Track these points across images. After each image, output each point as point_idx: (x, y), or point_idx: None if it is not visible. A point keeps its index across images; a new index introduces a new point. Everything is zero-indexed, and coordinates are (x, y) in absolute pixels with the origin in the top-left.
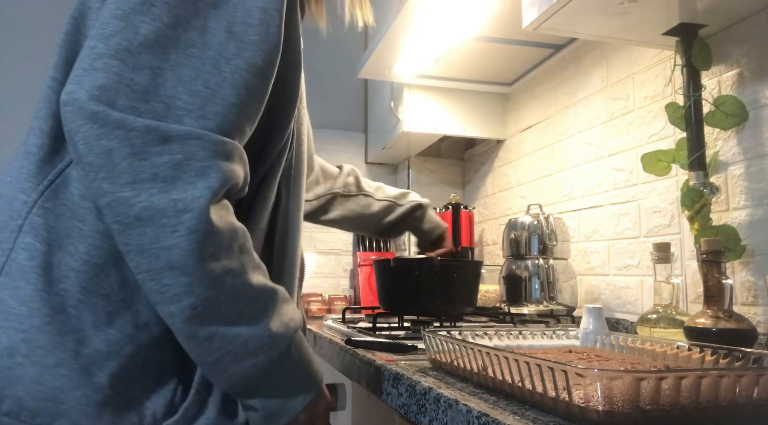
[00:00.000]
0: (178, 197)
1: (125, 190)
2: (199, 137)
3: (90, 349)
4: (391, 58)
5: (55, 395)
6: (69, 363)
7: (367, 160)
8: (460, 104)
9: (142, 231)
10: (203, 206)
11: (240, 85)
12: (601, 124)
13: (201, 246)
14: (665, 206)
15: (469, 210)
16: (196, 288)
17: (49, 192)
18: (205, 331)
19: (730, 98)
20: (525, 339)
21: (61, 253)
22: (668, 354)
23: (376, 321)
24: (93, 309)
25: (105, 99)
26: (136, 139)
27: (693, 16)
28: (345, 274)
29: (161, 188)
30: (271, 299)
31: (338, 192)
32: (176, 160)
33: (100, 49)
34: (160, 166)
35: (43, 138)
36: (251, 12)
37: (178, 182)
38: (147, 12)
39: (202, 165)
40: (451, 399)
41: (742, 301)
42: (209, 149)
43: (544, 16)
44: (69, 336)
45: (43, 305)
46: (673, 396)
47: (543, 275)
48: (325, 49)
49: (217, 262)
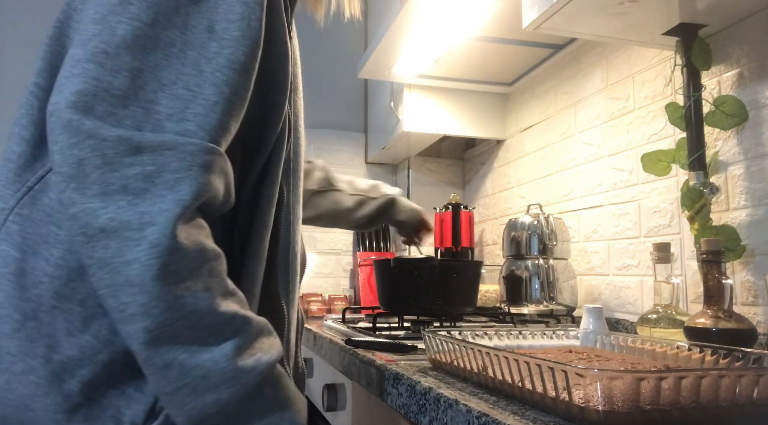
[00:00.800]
0: (145, 210)
1: (94, 201)
2: (174, 147)
3: (61, 356)
4: (391, 58)
5: (24, 402)
6: (38, 370)
7: (367, 160)
8: (460, 104)
9: (106, 244)
10: (169, 220)
11: (222, 83)
12: (601, 124)
13: (161, 262)
14: (665, 206)
15: (469, 210)
16: (152, 308)
17: (27, 198)
18: (161, 358)
19: (730, 98)
20: (525, 339)
21: (35, 259)
22: (668, 354)
23: (376, 321)
24: (67, 315)
25: (82, 105)
26: (108, 149)
27: (693, 16)
28: (345, 274)
29: (130, 200)
30: (241, 329)
31: (313, 189)
32: (147, 172)
33: (79, 55)
34: (131, 178)
35: (24, 145)
36: (232, 7)
37: (147, 195)
38: (124, 12)
39: (174, 177)
40: (451, 399)
41: (742, 301)
42: (184, 160)
43: (544, 16)
44: (39, 342)
45: (13, 311)
46: (673, 396)
47: (543, 275)
48: (325, 49)
49: (179, 283)
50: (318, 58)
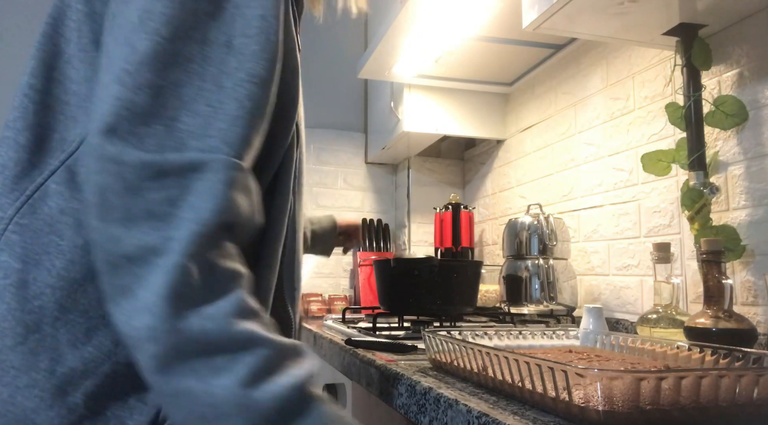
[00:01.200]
0: (171, 234)
1: (117, 228)
2: (197, 167)
3: (65, 368)
4: (391, 58)
5: (28, 416)
6: (42, 383)
7: (367, 160)
8: (460, 104)
9: (130, 270)
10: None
11: (243, 97)
12: (601, 124)
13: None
14: (665, 206)
15: (469, 210)
16: (159, 332)
17: (26, 207)
18: (170, 386)
19: (730, 98)
20: (525, 339)
21: (37, 270)
22: (668, 354)
23: (376, 321)
24: (70, 326)
25: (105, 128)
26: (129, 174)
27: (693, 16)
28: (345, 274)
29: (154, 226)
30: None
31: None
32: (172, 196)
33: (106, 79)
34: (155, 203)
35: (20, 152)
36: (251, 22)
37: (172, 218)
38: (144, 27)
39: (198, 198)
40: (451, 399)
41: (742, 301)
42: (207, 180)
43: (544, 16)
44: (43, 355)
45: (16, 324)
46: (673, 396)
47: (543, 275)
48: (325, 49)
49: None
50: (318, 58)
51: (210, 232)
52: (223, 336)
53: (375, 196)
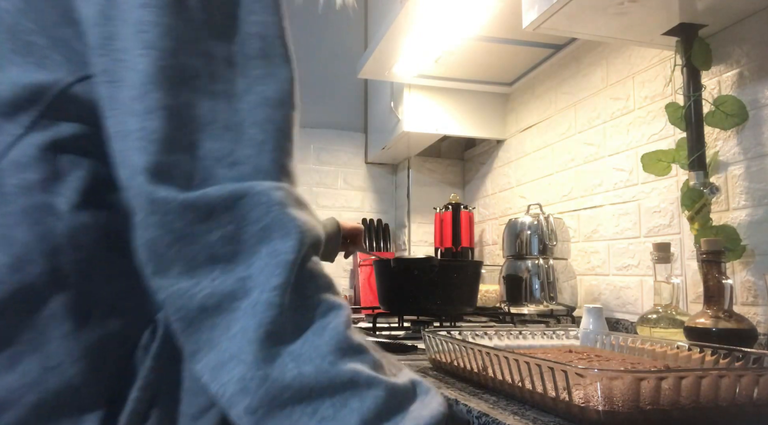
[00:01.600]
0: (245, 274)
1: (182, 281)
2: (243, 195)
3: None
4: (391, 58)
5: None
6: None
7: (367, 160)
8: (460, 104)
9: (212, 323)
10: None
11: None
12: (601, 123)
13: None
14: (665, 206)
15: (469, 210)
16: (249, 381)
17: None
18: None
19: (730, 98)
20: (525, 339)
21: None
22: (668, 354)
23: (376, 321)
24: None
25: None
26: (175, 222)
27: (693, 16)
28: (345, 274)
29: (223, 269)
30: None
31: None
32: (230, 233)
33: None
34: (214, 245)
35: None
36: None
37: (240, 256)
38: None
39: (259, 227)
40: (451, 399)
41: (742, 301)
42: (259, 203)
43: (544, 16)
44: None
45: None
46: (673, 396)
47: (543, 275)
48: (326, 49)
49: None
50: (318, 58)
51: (288, 260)
52: (323, 377)
53: (375, 196)
